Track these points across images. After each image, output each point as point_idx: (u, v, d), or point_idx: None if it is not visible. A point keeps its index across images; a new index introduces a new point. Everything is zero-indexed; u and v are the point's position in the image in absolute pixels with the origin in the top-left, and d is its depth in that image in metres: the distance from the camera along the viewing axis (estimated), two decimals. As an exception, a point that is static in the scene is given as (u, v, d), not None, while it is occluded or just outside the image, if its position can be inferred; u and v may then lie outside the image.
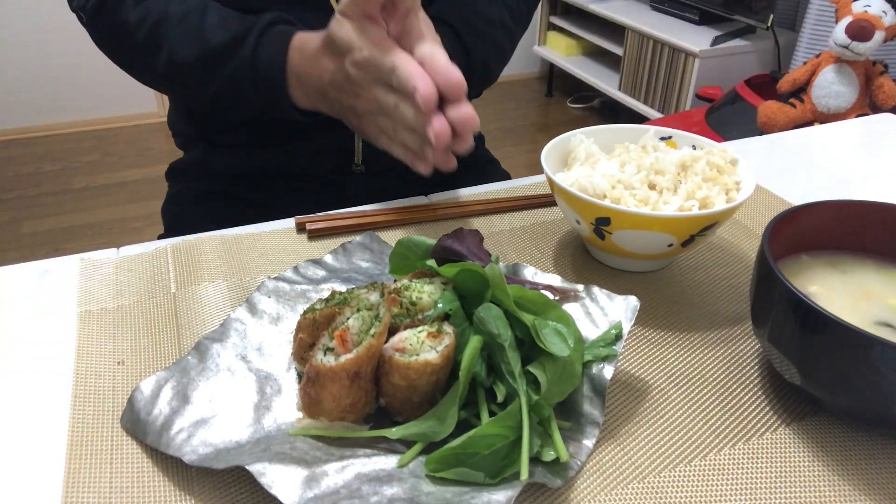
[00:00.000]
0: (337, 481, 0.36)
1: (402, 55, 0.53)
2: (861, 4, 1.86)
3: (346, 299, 0.43)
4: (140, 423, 0.40)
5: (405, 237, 0.50)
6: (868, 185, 0.73)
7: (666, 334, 0.50)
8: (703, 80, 2.53)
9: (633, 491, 0.38)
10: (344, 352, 0.39)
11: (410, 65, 0.52)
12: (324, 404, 0.39)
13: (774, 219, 0.44)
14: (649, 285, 0.55)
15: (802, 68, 2.01)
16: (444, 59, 0.53)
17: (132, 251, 0.58)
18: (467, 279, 0.43)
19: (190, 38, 0.64)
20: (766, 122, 2.02)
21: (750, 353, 0.48)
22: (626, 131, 0.62)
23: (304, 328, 0.43)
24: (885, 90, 1.91)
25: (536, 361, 0.40)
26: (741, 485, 0.39)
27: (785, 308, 0.40)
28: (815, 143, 0.82)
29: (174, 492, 0.37)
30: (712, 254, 0.59)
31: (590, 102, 3.31)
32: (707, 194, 0.53)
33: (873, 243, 0.48)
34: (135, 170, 2.60)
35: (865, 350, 0.36)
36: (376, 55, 0.54)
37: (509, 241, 0.61)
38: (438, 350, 0.39)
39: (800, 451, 0.41)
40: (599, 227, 0.52)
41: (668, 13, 2.82)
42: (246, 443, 0.39)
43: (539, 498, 0.38)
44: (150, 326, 0.49)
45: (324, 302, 0.44)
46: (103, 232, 2.27)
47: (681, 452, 0.40)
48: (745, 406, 0.44)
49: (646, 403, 0.44)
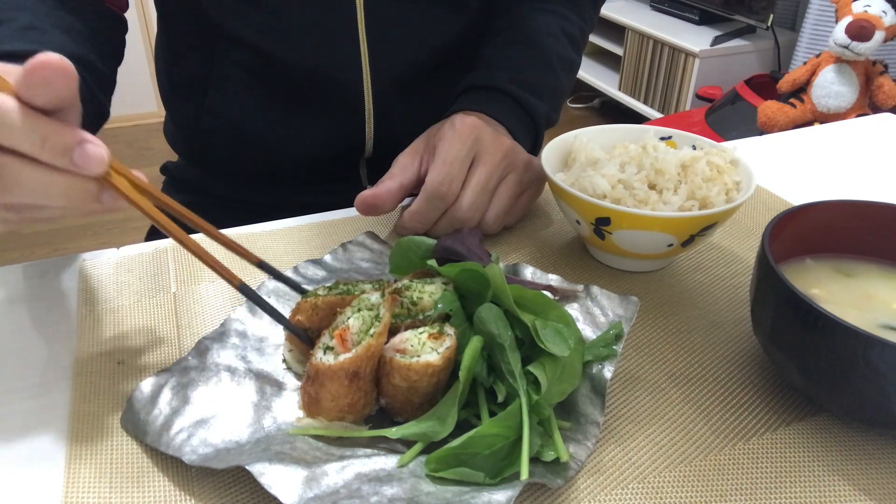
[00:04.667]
0: (337, 481, 0.36)
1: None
2: (861, 4, 1.86)
3: (350, 290, 0.43)
4: (140, 423, 0.40)
5: (405, 237, 0.50)
6: (868, 185, 0.73)
7: (666, 334, 0.50)
8: (703, 80, 2.53)
9: (634, 491, 0.38)
10: (343, 351, 0.39)
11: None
12: (323, 403, 0.39)
13: (775, 218, 0.44)
14: (649, 285, 0.55)
15: (802, 68, 2.01)
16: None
17: (132, 251, 0.58)
18: (467, 279, 0.43)
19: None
20: (766, 122, 2.02)
21: (750, 353, 0.48)
22: (626, 131, 0.62)
23: (303, 311, 0.42)
24: (885, 90, 1.91)
25: (536, 361, 0.40)
26: (741, 485, 0.39)
27: (785, 308, 0.40)
28: (815, 143, 0.82)
29: (174, 492, 0.37)
30: (712, 254, 0.59)
31: (590, 102, 3.31)
32: (707, 194, 0.53)
33: (878, 246, 0.47)
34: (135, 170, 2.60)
35: (865, 350, 0.36)
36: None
37: (509, 241, 0.61)
38: (440, 351, 0.39)
39: (800, 451, 0.41)
40: (599, 227, 0.52)
41: (668, 13, 2.82)
42: (246, 443, 0.39)
43: (539, 498, 0.38)
44: (150, 326, 0.49)
45: (327, 289, 0.44)
46: (103, 232, 2.27)
47: (681, 452, 0.40)
48: (745, 406, 0.44)
49: (646, 403, 0.44)
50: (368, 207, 0.59)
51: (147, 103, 2.94)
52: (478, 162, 0.59)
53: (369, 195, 0.58)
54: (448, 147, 0.59)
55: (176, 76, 0.79)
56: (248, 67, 0.72)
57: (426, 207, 0.58)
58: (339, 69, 0.71)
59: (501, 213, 0.60)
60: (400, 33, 0.71)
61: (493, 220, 0.59)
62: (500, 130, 0.63)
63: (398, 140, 0.65)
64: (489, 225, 0.59)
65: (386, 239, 0.59)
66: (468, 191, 0.58)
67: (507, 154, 0.60)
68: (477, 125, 0.61)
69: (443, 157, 0.58)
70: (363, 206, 0.58)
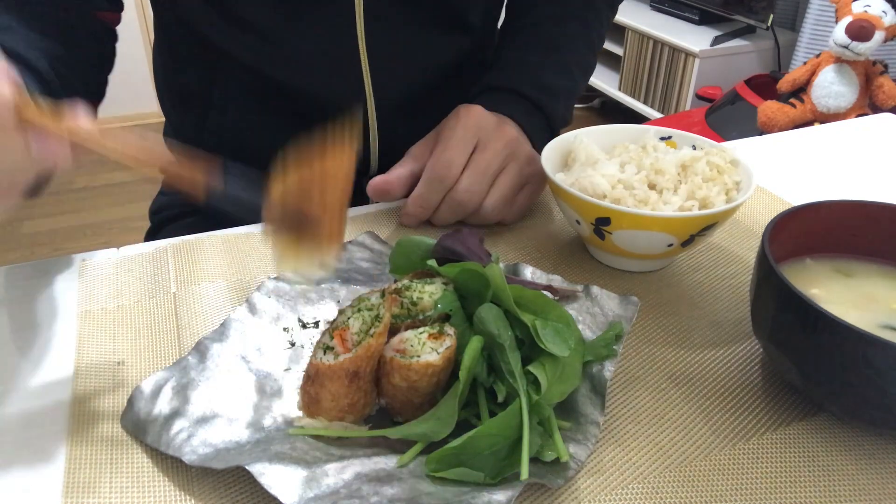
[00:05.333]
0: (337, 481, 0.36)
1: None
2: (861, 4, 1.86)
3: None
4: (140, 422, 0.40)
5: (405, 237, 0.50)
6: (868, 185, 0.73)
7: (666, 334, 0.50)
8: (703, 80, 2.53)
9: (634, 491, 0.38)
10: (343, 351, 0.39)
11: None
12: (322, 403, 0.39)
13: (775, 218, 0.44)
14: (649, 285, 0.55)
15: (802, 68, 2.01)
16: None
17: (132, 251, 0.58)
18: (467, 279, 0.43)
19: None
20: (766, 122, 2.02)
21: (750, 353, 0.48)
22: (626, 131, 0.62)
23: (275, 201, 0.41)
24: (885, 90, 1.91)
25: (536, 361, 0.40)
26: (741, 485, 0.39)
27: (785, 308, 0.40)
28: (815, 143, 0.82)
29: (174, 492, 0.37)
30: (712, 254, 0.59)
31: (590, 102, 3.31)
32: (707, 194, 0.53)
33: (878, 246, 0.47)
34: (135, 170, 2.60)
35: (865, 350, 0.36)
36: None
37: (509, 241, 0.61)
38: (440, 352, 0.39)
39: (800, 451, 0.41)
40: (599, 227, 0.52)
41: (668, 13, 2.82)
42: (246, 443, 0.39)
43: (539, 498, 0.38)
44: (150, 326, 0.49)
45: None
46: (103, 232, 2.27)
47: (681, 452, 0.40)
48: (745, 406, 0.44)
49: (646, 403, 0.44)
50: (380, 193, 0.61)
51: (147, 103, 2.93)
52: (479, 147, 0.60)
53: (381, 181, 0.61)
54: (450, 133, 0.61)
55: (175, 90, 0.79)
56: (249, 89, 0.72)
57: (427, 190, 0.60)
58: (343, 94, 0.71)
59: (500, 202, 0.60)
60: (402, 56, 0.71)
61: (491, 208, 0.60)
62: (507, 121, 0.63)
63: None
64: (487, 212, 0.60)
65: (386, 239, 0.59)
66: (466, 173, 0.59)
67: (510, 143, 0.61)
68: (482, 114, 0.62)
69: (444, 142, 0.60)
70: (375, 192, 0.61)
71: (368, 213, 0.65)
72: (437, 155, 0.60)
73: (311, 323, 0.48)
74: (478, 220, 0.61)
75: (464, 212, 0.60)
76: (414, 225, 0.62)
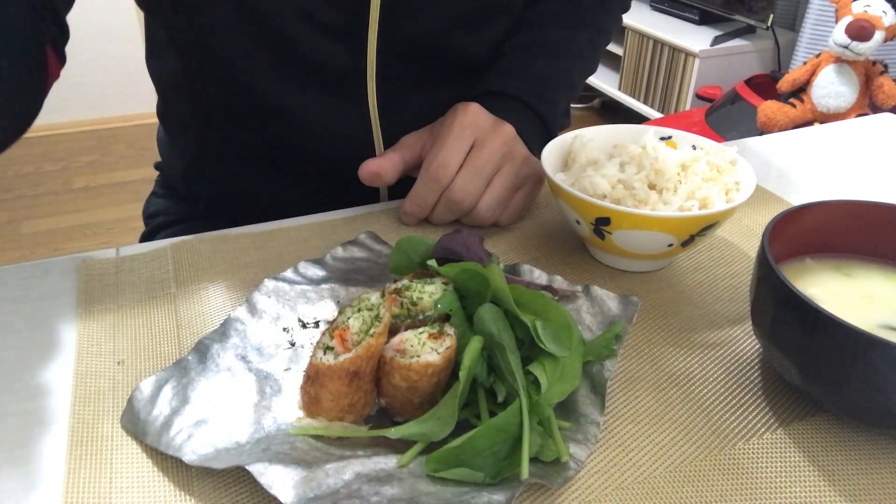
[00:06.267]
0: (337, 481, 0.36)
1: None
2: (861, 4, 1.86)
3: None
4: (140, 423, 0.40)
5: (405, 237, 0.50)
6: (868, 185, 0.73)
7: (666, 334, 0.50)
8: (703, 80, 2.53)
9: (634, 491, 0.38)
10: (343, 351, 0.39)
11: None
12: (323, 403, 0.39)
13: (775, 218, 0.44)
14: (649, 285, 0.55)
15: (802, 68, 2.01)
16: None
17: (132, 251, 0.58)
18: (467, 279, 0.43)
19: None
20: (766, 122, 2.02)
21: (750, 353, 0.48)
22: (626, 131, 0.62)
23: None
24: (885, 90, 1.91)
25: (536, 361, 0.40)
26: (741, 485, 0.39)
27: (784, 308, 0.40)
28: (815, 143, 0.82)
29: (174, 492, 0.37)
30: (712, 254, 0.59)
31: (590, 102, 3.31)
32: (707, 194, 0.53)
33: (878, 246, 0.47)
34: (134, 170, 2.61)
35: (865, 350, 0.36)
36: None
37: (509, 241, 0.61)
38: (440, 351, 0.39)
39: (800, 451, 0.41)
40: (599, 227, 0.52)
41: (668, 13, 2.82)
42: (246, 443, 0.39)
43: (539, 498, 0.38)
44: (150, 326, 0.49)
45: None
46: (103, 232, 2.28)
47: (681, 452, 0.40)
48: (745, 406, 0.44)
49: (646, 403, 0.44)
50: (372, 176, 0.62)
51: (147, 103, 2.93)
52: (476, 146, 0.60)
53: (373, 164, 0.61)
54: (447, 132, 0.61)
55: (178, 145, 0.78)
56: (251, 146, 0.71)
57: (423, 190, 0.60)
58: (352, 151, 0.68)
59: (495, 203, 0.60)
60: (414, 114, 0.69)
61: (486, 209, 0.60)
62: (504, 122, 0.63)
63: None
64: (483, 213, 0.60)
65: (386, 239, 0.59)
66: (462, 172, 0.59)
67: (507, 142, 0.61)
68: (479, 112, 0.62)
69: (441, 141, 0.60)
70: (367, 175, 0.62)
71: (368, 213, 0.65)
72: (434, 153, 0.60)
73: (311, 323, 0.48)
74: (473, 220, 0.61)
75: (459, 210, 0.60)
76: (412, 224, 0.62)
